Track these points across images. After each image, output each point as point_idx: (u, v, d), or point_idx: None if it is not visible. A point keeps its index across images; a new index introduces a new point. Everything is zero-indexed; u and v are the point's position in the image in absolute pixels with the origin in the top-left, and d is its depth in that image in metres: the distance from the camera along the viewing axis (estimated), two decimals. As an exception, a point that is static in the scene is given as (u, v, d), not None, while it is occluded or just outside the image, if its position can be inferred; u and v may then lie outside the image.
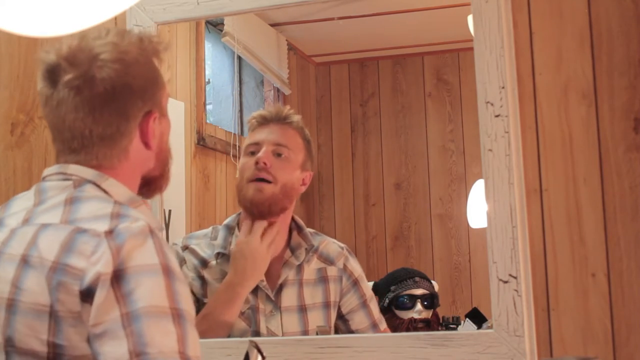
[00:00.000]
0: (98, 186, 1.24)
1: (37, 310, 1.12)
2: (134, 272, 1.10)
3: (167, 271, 1.12)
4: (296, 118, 1.94)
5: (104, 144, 1.24)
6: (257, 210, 1.85)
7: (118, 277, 1.09)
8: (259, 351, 1.40)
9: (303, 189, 1.93)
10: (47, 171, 1.28)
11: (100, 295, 1.09)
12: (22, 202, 1.26)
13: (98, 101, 1.22)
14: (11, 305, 1.14)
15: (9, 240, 1.19)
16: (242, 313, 1.83)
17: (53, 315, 1.11)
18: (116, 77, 1.22)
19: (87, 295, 1.10)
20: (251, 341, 1.42)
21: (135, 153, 1.27)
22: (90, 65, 1.21)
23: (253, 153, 1.89)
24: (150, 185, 1.34)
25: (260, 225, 1.83)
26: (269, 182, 1.85)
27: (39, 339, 1.12)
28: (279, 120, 1.92)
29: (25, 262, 1.15)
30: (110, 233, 1.13)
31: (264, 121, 1.93)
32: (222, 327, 1.79)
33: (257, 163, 1.86)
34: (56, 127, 1.26)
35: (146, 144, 1.28)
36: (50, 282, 1.12)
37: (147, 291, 1.10)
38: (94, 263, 1.11)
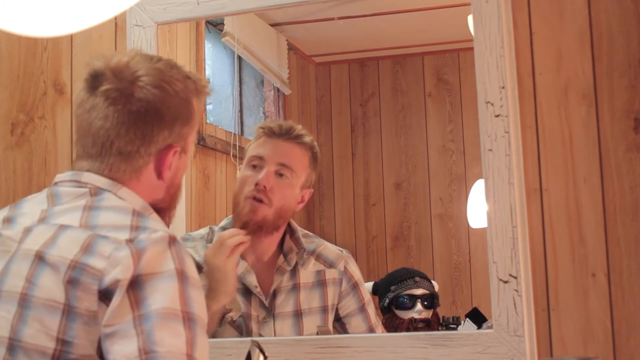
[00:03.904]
0: (114, 194, 1.26)
1: (50, 307, 1.14)
2: (150, 279, 1.13)
3: (181, 276, 1.14)
4: (308, 139, 1.88)
5: (120, 158, 1.27)
6: (249, 229, 1.81)
7: (134, 283, 1.12)
8: (261, 351, 1.40)
9: (300, 206, 1.89)
10: (60, 177, 1.30)
11: (116, 300, 1.11)
12: (34, 204, 1.28)
13: (128, 118, 1.25)
14: (24, 300, 1.16)
15: (25, 238, 1.21)
16: (233, 321, 1.81)
17: (66, 312, 1.13)
18: (152, 101, 1.26)
19: (105, 296, 1.12)
20: (253, 341, 1.42)
21: (147, 177, 1.30)
22: (132, 83, 1.25)
23: (255, 167, 1.84)
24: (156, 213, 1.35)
25: (231, 243, 1.71)
26: (264, 203, 1.81)
27: (49, 335, 1.13)
28: (290, 138, 1.87)
29: (40, 258, 1.17)
30: (131, 241, 1.15)
31: (272, 134, 1.87)
32: None
33: (257, 184, 1.81)
34: (82, 130, 1.29)
35: (159, 174, 1.30)
36: (68, 280, 1.13)
37: (161, 295, 1.12)
38: (113, 265, 1.13)
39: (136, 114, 1.25)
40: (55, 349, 1.13)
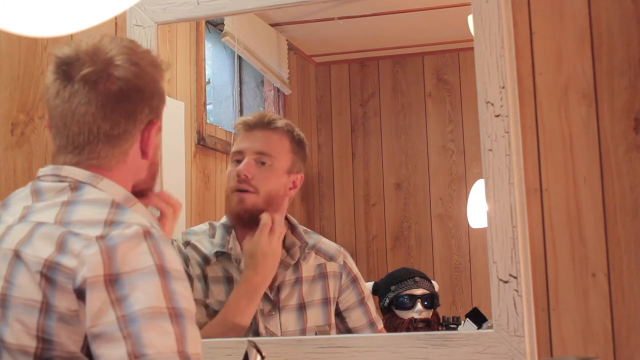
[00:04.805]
0: (94, 187, 1.24)
1: (28, 306, 1.13)
2: (128, 276, 1.11)
3: (162, 271, 1.12)
4: (281, 123, 1.91)
5: (108, 143, 1.25)
6: (240, 220, 1.86)
7: (112, 281, 1.10)
8: (258, 351, 1.40)
9: (293, 192, 1.91)
10: (42, 171, 1.28)
11: (92, 299, 1.10)
12: (20, 200, 1.26)
13: (111, 99, 1.24)
14: (3, 300, 1.15)
15: (5, 236, 1.20)
16: None
17: (44, 311, 1.12)
18: (132, 79, 1.25)
19: (80, 295, 1.11)
20: (250, 341, 1.42)
21: (133, 158, 1.29)
22: (109, 64, 1.24)
23: (238, 161, 1.88)
24: (139, 196, 1.34)
25: (266, 224, 1.81)
26: (251, 192, 1.85)
27: (29, 334, 1.12)
28: (263, 126, 1.90)
29: (17, 257, 1.15)
30: (101, 238, 1.13)
31: (247, 127, 1.91)
32: (241, 327, 1.79)
33: (238, 175, 1.86)
34: (63, 121, 1.26)
35: (143, 152, 1.30)
36: (45, 280, 1.12)
37: (143, 293, 1.10)
38: (82, 263, 1.11)
39: (118, 93, 1.24)
40: (36, 347, 1.12)
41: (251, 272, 1.80)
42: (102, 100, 1.23)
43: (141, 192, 1.34)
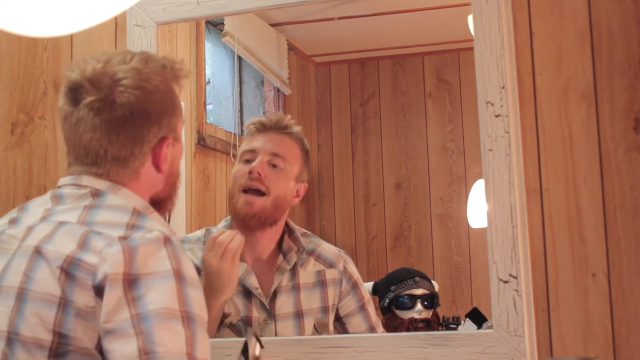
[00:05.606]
0: (114, 195, 1.27)
1: (46, 300, 1.15)
2: (145, 278, 1.13)
3: (179, 276, 1.15)
4: (296, 129, 1.88)
5: (117, 164, 1.28)
6: (245, 223, 1.80)
7: (130, 282, 1.13)
8: (258, 340, 1.40)
9: (296, 200, 1.88)
10: (62, 180, 1.32)
11: (109, 296, 1.12)
12: (39, 205, 1.30)
13: (115, 124, 1.26)
14: (21, 294, 1.17)
15: (27, 236, 1.22)
16: (232, 325, 1.80)
17: (62, 306, 1.14)
18: (135, 103, 1.26)
19: (99, 291, 1.13)
20: (250, 329, 1.42)
21: (146, 174, 1.31)
22: (112, 90, 1.25)
23: (248, 161, 1.84)
24: (157, 205, 1.36)
25: (221, 244, 1.66)
26: (261, 193, 1.80)
27: (46, 327, 1.14)
28: (279, 129, 1.87)
29: (38, 253, 1.18)
30: (124, 238, 1.16)
31: (262, 128, 1.88)
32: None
33: (250, 172, 1.81)
34: (72, 143, 1.30)
35: (157, 168, 1.32)
36: (65, 275, 1.15)
37: (158, 295, 1.13)
38: (104, 260, 1.14)
39: (122, 119, 1.26)
40: (52, 341, 1.14)
41: (204, 286, 1.69)
42: (107, 127, 1.26)
43: (160, 201, 1.36)
